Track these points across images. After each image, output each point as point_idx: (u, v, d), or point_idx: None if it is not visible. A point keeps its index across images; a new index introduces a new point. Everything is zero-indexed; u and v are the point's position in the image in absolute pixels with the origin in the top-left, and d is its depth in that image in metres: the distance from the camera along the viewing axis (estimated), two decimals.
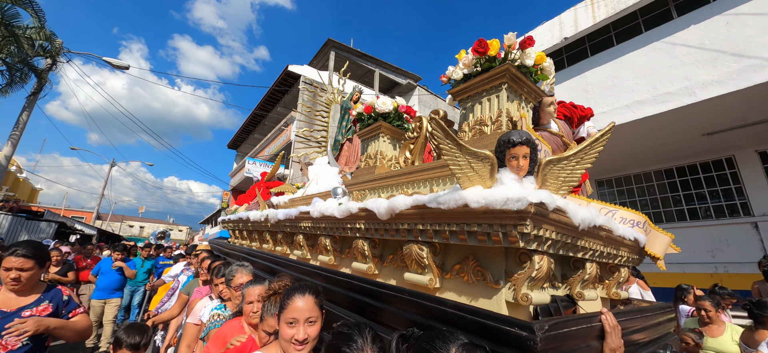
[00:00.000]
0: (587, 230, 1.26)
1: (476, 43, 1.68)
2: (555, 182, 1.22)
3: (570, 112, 2.47)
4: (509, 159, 1.29)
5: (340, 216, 1.85)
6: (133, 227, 47.11)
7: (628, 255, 1.80)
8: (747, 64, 5.05)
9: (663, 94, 5.77)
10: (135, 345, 2.09)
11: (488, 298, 1.24)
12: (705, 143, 6.67)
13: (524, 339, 0.90)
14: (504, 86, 1.63)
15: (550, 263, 1.17)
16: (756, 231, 6.36)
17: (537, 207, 1.02)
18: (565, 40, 7.31)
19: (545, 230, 1.10)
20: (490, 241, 1.15)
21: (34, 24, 10.26)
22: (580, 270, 1.44)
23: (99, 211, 23.05)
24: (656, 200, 7.87)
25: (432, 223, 1.32)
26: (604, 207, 1.90)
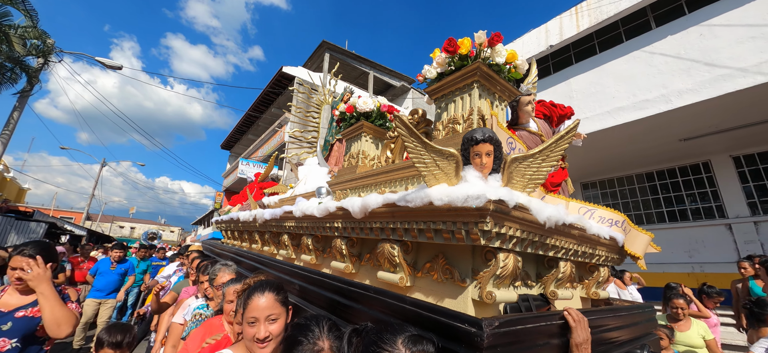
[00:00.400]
0: (555, 228, 1.26)
1: (446, 42, 1.68)
2: (521, 179, 1.21)
3: (549, 111, 2.49)
4: (473, 157, 1.29)
5: (320, 215, 1.85)
6: (124, 227, 46.51)
7: (607, 255, 1.80)
8: (718, 73, 5.32)
9: (642, 101, 6.02)
10: (117, 343, 2.07)
11: (455, 297, 1.24)
12: (683, 147, 6.93)
13: (472, 335, 0.90)
14: (476, 84, 1.64)
15: (516, 261, 1.17)
16: (730, 233, 6.62)
17: (496, 204, 1.02)
18: (550, 48, 7.55)
19: (509, 228, 1.11)
20: (454, 239, 1.15)
21: (27, 23, 10.27)
22: (554, 268, 1.45)
23: (89, 211, 22.80)
24: (638, 203, 8.12)
25: (402, 221, 1.32)
26: (582, 206, 1.91)
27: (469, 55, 1.65)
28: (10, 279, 1.93)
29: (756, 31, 5.09)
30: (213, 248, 4.25)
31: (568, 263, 1.47)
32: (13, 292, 1.95)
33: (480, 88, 1.66)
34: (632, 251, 1.96)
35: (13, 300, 1.92)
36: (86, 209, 21.34)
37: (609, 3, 6.74)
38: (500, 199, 1.03)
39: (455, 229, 1.12)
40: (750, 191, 6.52)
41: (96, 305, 5.57)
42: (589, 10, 7.08)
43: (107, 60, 12.46)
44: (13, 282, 1.93)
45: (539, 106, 2.47)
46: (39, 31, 10.34)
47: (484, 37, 1.60)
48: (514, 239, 1.15)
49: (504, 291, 1.20)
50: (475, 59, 1.62)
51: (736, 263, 5.02)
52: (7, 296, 1.94)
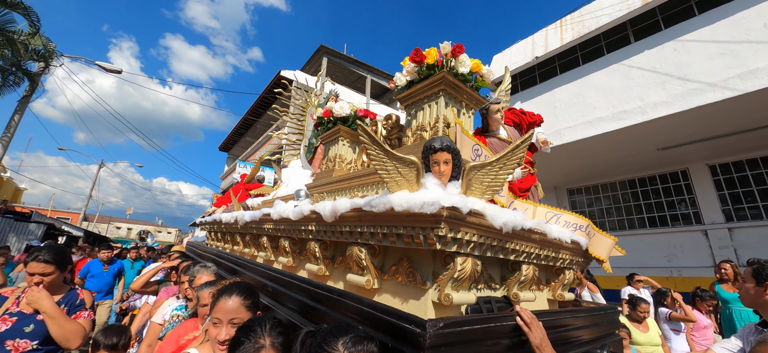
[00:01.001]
0: (514, 232, 1.29)
1: (413, 52, 1.73)
2: (479, 186, 1.24)
3: (519, 118, 2.55)
4: (432, 164, 1.33)
5: (295, 218, 1.87)
6: (121, 228, 46.45)
7: (572, 258, 1.84)
8: (690, 87, 5.59)
9: (620, 111, 6.27)
10: (113, 345, 2.08)
11: (417, 299, 1.26)
12: (661, 156, 7.20)
13: (416, 336, 0.92)
14: (442, 93, 1.68)
15: (475, 265, 1.19)
16: (706, 238, 6.87)
17: (450, 211, 1.04)
18: (536, 59, 7.80)
19: (465, 233, 1.13)
20: (414, 243, 1.18)
21: (30, 30, 10.51)
22: (517, 271, 1.48)
23: (86, 212, 22.92)
24: (621, 209, 8.36)
25: (368, 225, 1.34)
26: (549, 211, 1.92)
27: (436, 64, 1.69)
28: (29, 284, 1.95)
29: (724, 48, 5.38)
30: (195, 250, 4.27)
31: (530, 266, 1.51)
32: None
33: (446, 96, 1.70)
34: (597, 254, 2.00)
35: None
36: (83, 209, 21.43)
37: (591, 17, 7.04)
38: (454, 206, 1.05)
39: (414, 234, 1.14)
40: (725, 199, 6.79)
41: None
42: (573, 24, 7.37)
43: (107, 64, 12.67)
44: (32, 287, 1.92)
45: (509, 114, 2.52)
46: (41, 37, 10.59)
47: (449, 47, 1.65)
48: (472, 244, 1.18)
49: (463, 294, 1.22)
50: (441, 69, 1.67)
51: (711, 268, 5.28)
52: (28, 297, 1.93)
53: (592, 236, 1.97)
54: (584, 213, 8.94)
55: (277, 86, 22.25)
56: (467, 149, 1.64)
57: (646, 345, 3.59)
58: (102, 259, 5.62)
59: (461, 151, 1.53)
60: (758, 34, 5.10)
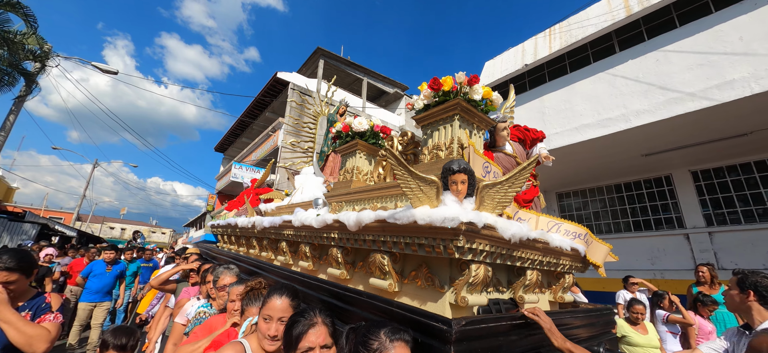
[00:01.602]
0: (519, 242, 1.44)
1: (431, 81, 1.91)
2: (491, 202, 1.39)
3: (523, 135, 2.72)
4: (451, 183, 1.49)
5: (317, 226, 2.00)
6: (114, 228, 45.78)
7: (571, 264, 2.00)
8: (671, 96, 5.84)
9: (605, 119, 6.52)
10: (122, 346, 2.07)
11: (435, 301, 1.41)
12: (645, 162, 7.45)
13: (444, 332, 1.07)
14: (456, 117, 1.85)
15: (486, 271, 1.34)
16: (687, 242, 7.12)
17: (468, 225, 1.20)
18: (526, 67, 8.03)
19: (479, 244, 1.28)
20: (434, 253, 1.32)
21: (26, 30, 10.46)
22: (522, 276, 1.63)
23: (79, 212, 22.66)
24: (607, 213, 8.62)
25: (391, 235, 1.49)
26: (551, 220, 2.07)
27: (451, 90, 1.85)
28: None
29: (703, 59, 5.63)
30: (210, 252, 4.40)
31: (534, 271, 1.66)
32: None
33: (460, 119, 1.87)
34: (593, 260, 2.15)
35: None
36: (77, 209, 21.20)
37: (578, 27, 7.29)
38: (470, 221, 1.20)
39: (435, 244, 1.29)
40: (706, 204, 7.07)
41: (90, 308, 5.43)
42: (561, 33, 7.61)
43: (103, 65, 12.62)
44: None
45: (514, 130, 2.70)
46: (38, 37, 10.54)
47: (464, 77, 1.81)
48: (484, 253, 1.33)
49: (476, 296, 1.37)
50: (456, 95, 1.84)
51: (693, 271, 5.49)
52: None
53: (590, 244, 2.13)
54: (573, 217, 9.19)
55: (274, 88, 22.19)
56: (479, 167, 1.81)
57: (645, 347, 3.60)
58: (106, 260, 5.64)
59: (474, 167, 1.71)
60: (734, 46, 5.37)
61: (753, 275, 1.87)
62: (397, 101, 24.30)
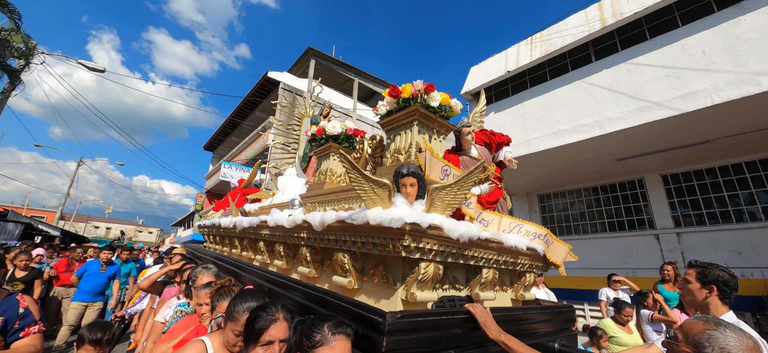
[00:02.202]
0: (469, 242, 1.51)
1: (391, 88, 1.99)
2: (441, 204, 1.46)
3: (489, 139, 2.75)
4: (401, 186, 1.58)
5: (289, 226, 2.07)
6: (99, 228, 44.91)
7: (531, 263, 2.04)
8: (640, 105, 6.17)
9: (581, 125, 6.82)
10: (97, 340, 2.05)
11: (388, 298, 1.48)
12: (619, 166, 7.79)
13: (379, 324, 1.13)
14: (415, 122, 1.94)
15: (437, 269, 1.42)
16: (657, 242, 7.48)
17: (412, 225, 1.27)
18: (508, 73, 8.37)
19: (426, 243, 1.35)
20: (385, 251, 1.39)
21: (10, 26, 10.36)
22: (478, 274, 1.71)
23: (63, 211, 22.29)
24: (585, 214, 8.97)
25: (350, 235, 1.55)
26: (513, 221, 2.13)
27: (410, 97, 1.92)
28: None
29: (670, 71, 5.98)
30: (195, 252, 4.43)
31: (490, 270, 1.72)
32: None
33: (419, 125, 1.95)
34: (554, 259, 2.19)
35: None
36: (60, 208, 20.86)
37: (557, 37, 7.61)
38: (415, 221, 1.27)
39: (385, 243, 1.35)
40: (674, 206, 7.46)
41: (82, 308, 5.35)
42: (542, 41, 7.93)
43: (90, 63, 12.54)
44: None
45: (480, 134, 2.74)
46: (23, 34, 10.46)
47: (422, 85, 1.90)
48: (433, 252, 1.39)
49: (427, 293, 1.44)
50: (415, 102, 1.92)
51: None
52: None
53: (550, 244, 2.19)
54: (553, 218, 9.54)
55: (265, 88, 22.19)
56: (437, 170, 1.85)
57: (632, 346, 3.63)
58: (102, 260, 5.62)
59: (431, 171, 1.78)
60: (698, 60, 5.72)
61: (713, 268, 1.81)
62: None
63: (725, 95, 5.28)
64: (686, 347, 1.18)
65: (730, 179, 6.84)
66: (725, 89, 5.31)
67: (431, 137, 2.04)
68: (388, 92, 2.01)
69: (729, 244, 6.52)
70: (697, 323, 1.20)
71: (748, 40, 5.34)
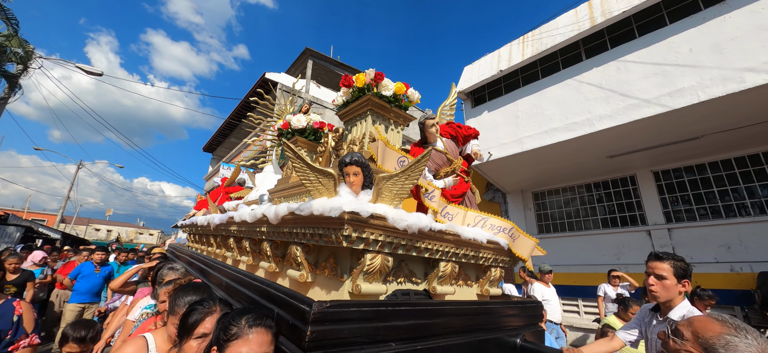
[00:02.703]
0: (420, 233, 1.46)
1: (343, 77, 1.97)
2: (389, 193, 1.42)
3: (455, 132, 2.69)
4: (346, 176, 1.53)
5: (251, 221, 2.03)
6: (100, 230, 45.28)
7: (495, 257, 1.99)
8: (630, 103, 6.23)
9: (571, 123, 6.88)
10: (81, 338, 2.14)
11: (337, 290, 1.43)
12: (611, 163, 7.85)
13: (305, 312, 1.09)
14: (369, 113, 1.91)
15: (384, 260, 1.37)
16: (649, 238, 7.53)
17: (351, 214, 1.22)
18: (500, 72, 8.44)
19: (370, 233, 1.30)
20: (329, 242, 1.35)
21: (8, 32, 10.51)
22: (438, 265, 1.66)
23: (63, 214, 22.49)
24: (578, 210, 9.07)
25: (301, 227, 1.51)
26: (478, 215, 2.09)
27: (365, 87, 1.89)
28: None
29: (657, 69, 6.03)
30: (175, 251, 4.42)
31: (449, 263, 1.67)
32: None
33: (374, 115, 1.93)
34: (519, 253, 2.18)
35: None
36: (61, 211, 21.03)
37: (548, 36, 7.67)
38: (354, 210, 1.22)
39: (329, 234, 1.32)
40: (666, 202, 7.51)
41: (79, 310, 5.37)
42: (533, 41, 7.98)
43: (87, 67, 12.68)
44: None
45: (446, 127, 2.69)
46: (20, 40, 10.61)
47: (372, 74, 1.88)
48: (379, 243, 1.34)
49: (376, 285, 1.39)
50: (366, 92, 1.90)
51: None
52: None
53: (516, 238, 2.17)
54: (547, 215, 9.61)
55: (263, 88, 22.38)
56: (392, 160, 1.81)
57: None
58: (95, 261, 5.65)
59: (385, 162, 1.73)
60: (685, 57, 5.77)
61: (680, 260, 1.82)
62: None
63: (711, 92, 5.33)
64: (694, 348, 1.02)
65: (720, 174, 6.88)
66: (711, 87, 5.36)
67: (388, 127, 2.01)
68: (341, 82, 1.98)
69: (719, 239, 6.57)
70: (712, 323, 1.04)
71: (732, 37, 5.39)
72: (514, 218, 9.82)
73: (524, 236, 2.19)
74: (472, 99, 9.13)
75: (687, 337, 1.05)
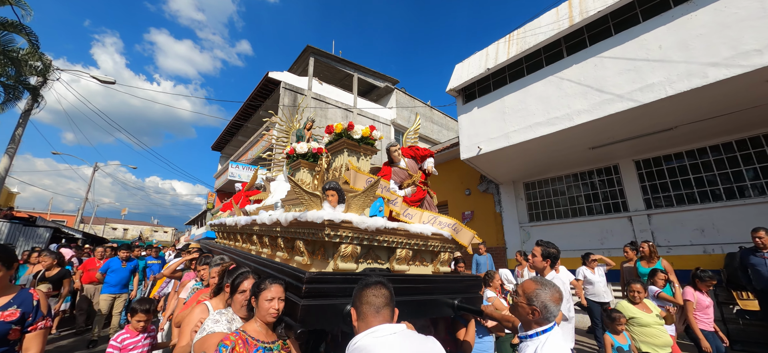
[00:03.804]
0: (377, 230, 2.22)
1: (327, 127, 2.78)
2: (356, 206, 2.19)
3: (414, 153, 3.44)
4: (327, 196, 2.32)
5: (269, 223, 2.81)
6: (117, 229, 47.11)
7: (442, 244, 2.75)
8: (605, 98, 6.71)
9: (553, 118, 7.39)
10: (146, 309, 2.96)
11: (325, 268, 2.22)
12: (595, 153, 8.34)
13: (302, 277, 1.85)
14: (345, 149, 2.71)
15: (354, 249, 2.15)
16: (630, 223, 8.05)
17: (329, 221, 2.00)
18: (488, 70, 8.92)
19: (343, 232, 2.07)
20: (318, 237, 2.13)
21: (29, 48, 11.31)
22: (395, 252, 2.45)
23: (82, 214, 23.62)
24: (566, 199, 9.56)
25: (301, 228, 2.29)
26: (431, 215, 2.84)
27: (344, 132, 2.71)
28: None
29: (630, 65, 6.49)
30: (208, 246, 5.34)
31: (403, 249, 2.44)
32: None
33: (348, 151, 2.73)
34: (461, 241, 2.90)
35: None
36: (80, 212, 22.23)
37: (532, 34, 8.13)
38: (330, 218, 2.01)
39: (317, 232, 2.11)
40: (646, 190, 8.01)
41: (111, 299, 6.33)
42: (517, 39, 8.44)
43: (101, 75, 13.48)
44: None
45: (407, 150, 3.45)
46: (40, 54, 11.41)
47: (346, 123, 2.68)
48: (349, 238, 2.13)
49: (350, 264, 2.19)
50: (341, 136, 2.72)
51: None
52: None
53: (459, 231, 2.91)
54: (537, 204, 10.14)
55: (266, 88, 22.94)
56: (362, 181, 2.60)
57: (653, 326, 3.57)
58: (121, 257, 6.60)
59: (356, 183, 2.51)
60: (654, 54, 6.23)
61: (550, 247, 2.61)
62: (387, 95, 25.00)
63: (677, 87, 5.81)
64: (523, 299, 1.76)
65: (696, 162, 7.36)
66: (677, 82, 5.83)
67: (359, 158, 2.80)
68: (326, 129, 2.81)
69: (693, 223, 7.08)
70: (530, 283, 1.76)
71: (698, 34, 5.83)
72: (506, 208, 10.40)
73: (465, 228, 2.89)
74: (463, 96, 9.65)
75: (520, 293, 1.78)
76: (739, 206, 6.66)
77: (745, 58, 5.26)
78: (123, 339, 2.83)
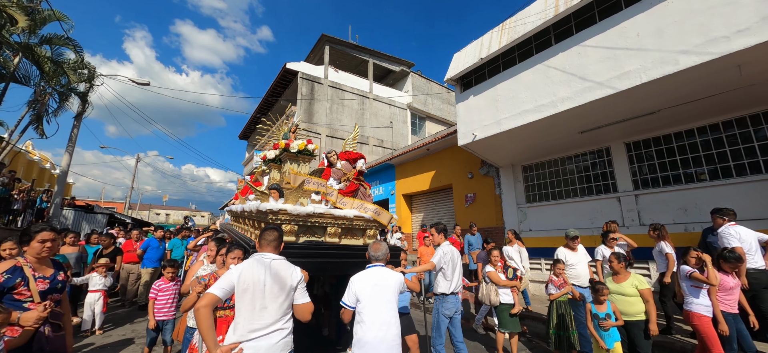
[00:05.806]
0: (307, 215, 3.12)
1: (275, 144, 3.78)
2: (292, 199, 3.20)
3: (348, 156, 4.27)
4: (271, 194, 3.23)
5: (247, 210, 3.76)
6: (160, 214, 51.82)
7: (366, 224, 3.64)
8: (586, 85, 7.00)
9: (539, 105, 7.76)
10: (173, 264, 4.09)
11: None
12: (586, 137, 8.59)
13: (251, 246, 3.02)
14: (288, 159, 3.63)
15: (292, 228, 3.09)
16: (619, 204, 8.38)
17: (269, 210, 2.96)
18: (481, 60, 9.27)
19: (282, 217, 3.02)
20: (270, 221, 3.07)
21: (75, 58, 12.98)
22: (326, 229, 3.38)
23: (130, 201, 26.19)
24: (560, 181, 9.85)
25: (262, 214, 3.26)
26: (361, 203, 3.68)
27: (284, 147, 3.64)
28: (40, 251, 2.34)
29: (609, 53, 6.72)
30: (223, 229, 6.74)
31: (333, 227, 3.34)
32: (38, 262, 2.36)
33: (291, 159, 3.67)
34: (382, 221, 3.76)
35: (44, 268, 2.38)
36: (127, 199, 24.97)
37: (521, 24, 8.39)
38: (270, 208, 2.96)
39: (269, 217, 3.08)
40: (635, 171, 8.25)
41: (152, 271, 7.77)
42: (509, 28, 8.73)
43: (137, 78, 15.10)
44: (43, 251, 2.35)
45: (343, 154, 4.32)
46: (86, 63, 13.07)
47: (285, 142, 3.58)
48: (288, 220, 3.07)
49: (290, 237, 3.12)
50: (284, 151, 3.67)
51: (620, 227, 6.85)
52: (34, 265, 2.32)
53: (380, 214, 3.77)
54: (534, 186, 10.54)
55: (285, 78, 24.11)
56: (299, 181, 3.51)
57: (624, 296, 4.03)
58: (157, 237, 8.10)
59: (296, 183, 3.42)
60: (632, 41, 6.45)
61: (440, 225, 3.52)
62: (403, 79, 25.35)
63: (651, 74, 6.07)
64: None
65: (683, 143, 7.51)
66: (651, 69, 6.09)
67: (300, 164, 3.76)
68: (274, 145, 3.84)
69: (676, 203, 7.34)
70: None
71: (672, 21, 6.01)
72: (505, 190, 10.91)
73: (384, 212, 3.76)
74: (461, 85, 10.11)
75: None
76: (720, 186, 6.85)
77: (713, 45, 5.45)
78: (159, 285, 4.03)
